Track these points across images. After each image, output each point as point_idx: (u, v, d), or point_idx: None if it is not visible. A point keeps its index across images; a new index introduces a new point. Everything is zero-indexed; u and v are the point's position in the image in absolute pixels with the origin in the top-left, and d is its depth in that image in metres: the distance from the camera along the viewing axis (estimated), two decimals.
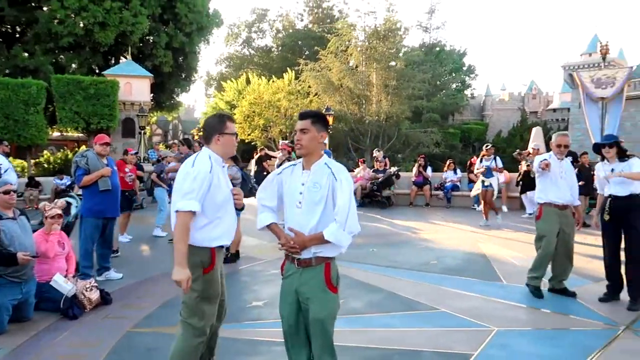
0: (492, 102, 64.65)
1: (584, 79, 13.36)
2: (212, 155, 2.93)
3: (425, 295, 5.34)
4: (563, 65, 50.90)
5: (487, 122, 60.90)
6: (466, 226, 10.02)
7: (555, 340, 4.17)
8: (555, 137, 5.51)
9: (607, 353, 3.86)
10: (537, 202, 5.45)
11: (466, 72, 55.26)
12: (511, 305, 5.09)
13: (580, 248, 7.71)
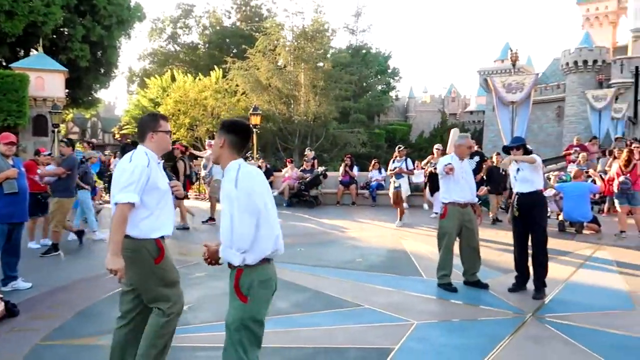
0: (415, 104, 67.14)
1: (497, 83, 14.26)
2: (148, 152, 3.05)
3: (350, 292, 5.46)
4: (479, 70, 53.89)
5: (410, 123, 63.17)
6: (390, 224, 10.34)
7: (469, 331, 4.42)
8: (456, 140, 5.90)
9: (514, 340, 4.15)
10: (442, 202, 5.76)
11: (391, 75, 57.05)
12: (430, 299, 5.34)
13: (494, 243, 8.25)
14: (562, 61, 43.53)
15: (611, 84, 37.87)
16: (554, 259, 7.11)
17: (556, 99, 44.07)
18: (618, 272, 6.36)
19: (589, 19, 52.52)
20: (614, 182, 9.26)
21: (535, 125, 44.76)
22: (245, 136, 2.73)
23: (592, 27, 51.01)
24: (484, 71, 51.78)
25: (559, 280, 5.85)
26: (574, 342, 4.05)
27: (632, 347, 3.99)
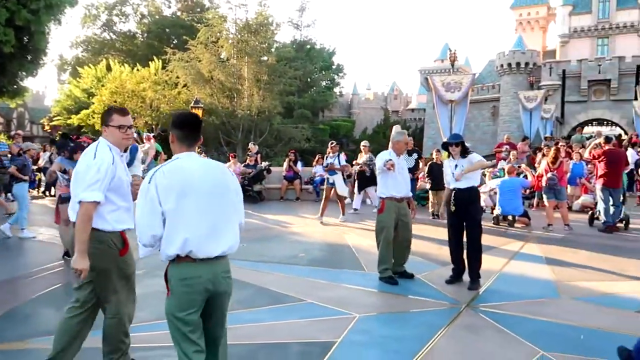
0: (358, 101, 68.06)
1: (436, 82, 14.71)
2: (112, 147, 3.09)
3: (293, 287, 5.45)
4: (420, 69, 55.42)
5: (354, 119, 63.98)
6: (334, 219, 10.44)
7: (408, 322, 4.55)
8: (394, 136, 6.08)
9: (451, 329, 4.30)
10: (380, 196, 5.88)
11: (335, 71, 57.48)
12: (371, 292, 5.44)
13: (432, 236, 8.52)
14: (497, 63, 45.55)
15: (541, 85, 40.07)
16: (489, 251, 7.44)
17: (491, 98, 46.07)
18: (545, 263, 6.74)
19: (521, 23, 55.20)
20: (543, 178, 9.82)
21: (472, 124, 46.59)
22: (190, 129, 2.68)
23: (525, 31, 53.66)
24: (425, 70, 53.31)
25: (493, 272, 6.13)
26: (505, 330, 4.26)
27: (557, 333, 4.24)
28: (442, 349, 3.91)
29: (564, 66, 41.11)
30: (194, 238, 2.48)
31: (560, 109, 39.53)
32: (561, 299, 5.24)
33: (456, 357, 3.80)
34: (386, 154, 5.89)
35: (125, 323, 3.20)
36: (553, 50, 49.41)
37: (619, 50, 42.65)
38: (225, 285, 2.64)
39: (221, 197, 2.62)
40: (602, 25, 45.03)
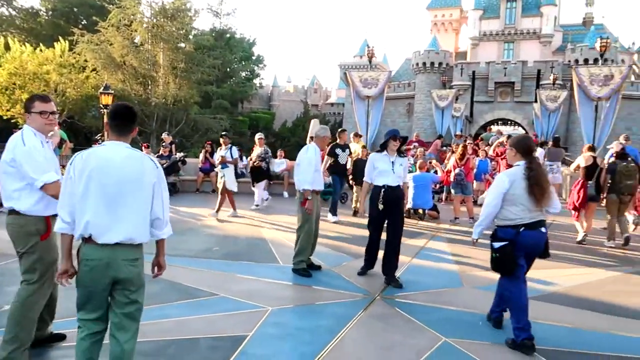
0: (279, 93, 67.85)
1: (354, 78, 15.01)
2: (37, 133, 3.25)
3: (205, 281, 5.33)
4: (339, 64, 56.31)
5: (274, 112, 63.73)
6: (250, 212, 10.33)
7: (321, 313, 4.60)
8: (318, 131, 6.15)
9: (362, 319, 4.42)
10: (303, 189, 5.82)
11: (255, 62, 56.81)
12: (286, 285, 5.45)
13: (346, 229, 8.71)
14: (412, 61, 47.38)
15: (453, 85, 42.28)
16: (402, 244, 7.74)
17: (407, 96, 47.88)
18: (451, 254, 7.12)
19: (436, 24, 57.83)
20: (451, 173, 10.36)
21: (389, 120, 48.14)
22: (120, 120, 2.78)
23: (439, 32, 56.31)
24: (344, 65, 54.24)
25: (403, 263, 6.35)
26: (413, 318, 4.45)
27: (459, 319, 4.50)
28: (352, 339, 4.00)
29: (474, 67, 43.65)
30: (94, 222, 2.63)
31: (470, 108, 41.98)
32: (464, 288, 5.56)
33: (365, 345, 3.91)
34: (312, 149, 5.91)
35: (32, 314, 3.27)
36: (464, 52, 52.31)
37: (523, 54, 46.05)
38: (127, 272, 2.70)
39: (131, 187, 2.69)
40: (508, 31, 48.32)
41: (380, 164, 5.55)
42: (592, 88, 13.57)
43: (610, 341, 4.15)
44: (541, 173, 4.00)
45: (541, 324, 4.44)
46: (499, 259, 4.00)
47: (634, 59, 46.79)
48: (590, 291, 5.51)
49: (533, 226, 3.95)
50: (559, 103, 26.42)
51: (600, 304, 5.08)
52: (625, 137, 11.08)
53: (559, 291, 5.45)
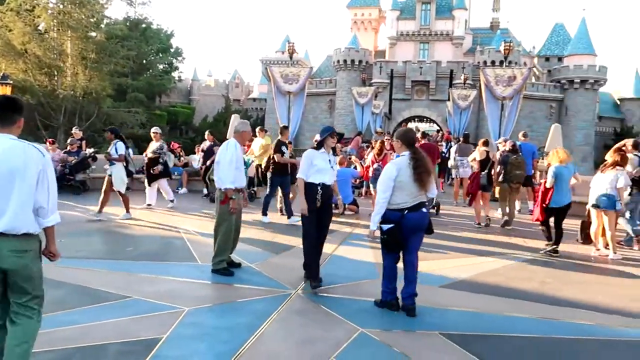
0: (199, 87, 66.07)
1: (275, 73, 14.96)
2: None
3: (117, 284, 5.08)
4: (261, 59, 55.87)
5: (194, 106, 61.98)
6: (167, 210, 9.99)
7: (240, 311, 4.55)
8: (238, 126, 5.96)
9: (281, 315, 4.42)
10: (222, 187, 5.63)
11: (173, 54, 54.89)
12: (204, 284, 5.33)
13: (267, 226, 8.67)
14: (333, 58, 48.08)
15: (372, 82, 43.43)
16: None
17: (329, 92, 48.54)
18: (369, 247, 7.30)
19: (356, 22, 59.06)
20: (370, 169, 10.64)
21: (311, 116, 48.57)
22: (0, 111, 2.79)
23: (359, 30, 57.56)
24: (266, 60, 53.90)
25: (323, 256, 6.45)
26: (331, 311, 4.53)
27: (375, 310, 4.65)
28: (271, 335, 3.99)
29: (392, 66, 45.15)
30: None
31: (389, 105, 43.37)
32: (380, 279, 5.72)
33: (283, 341, 3.92)
34: (232, 147, 5.67)
35: None
36: (383, 51, 53.94)
37: (437, 55, 48.30)
38: (12, 262, 2.73)
39: (14, 178, 2.69)
40: (423, 31, 50.45)
41: (319, 162, 5.35)
42: (497, 88, 14.52)
43: (509, 323, 4.47)
44: (425, 162, 4.44)
45: (450, 311, 4.71)
46: (387, 240, 4.47)
47: (534, 62, 50.67)
48: (492, 278, 5.90)
49: (415, 208, 4.45)
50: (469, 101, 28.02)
51: (501, 289, 5.46)
52: (523, 134, 12.05)
53: (465, 279, 5.79)
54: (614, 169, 7.24)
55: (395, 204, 4.43)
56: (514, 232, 8.96)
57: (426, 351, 3.78)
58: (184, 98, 64.04)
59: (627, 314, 4.79)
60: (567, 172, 7.39)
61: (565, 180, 7.32)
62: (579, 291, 5.49)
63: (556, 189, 7.28)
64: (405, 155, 4.49)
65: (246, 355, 3.59)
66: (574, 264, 6.78)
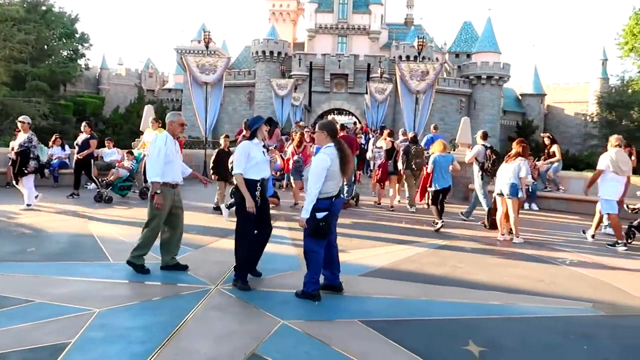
0: (109, 76, 62.52)
1: (191, 63, 14.45)
2: None
3: (17, 288, 4.67)
4: (176, 48, 53.82)
5: (103, 96, 58.60)
6: (76, 207, 9.36)
7: (156, 309, 4.36)
8: (169, 117, 5.57)
9: (199, 311, 4.29)
10: (155, 181, 5.28)
11: (79, 40, 51.42)
12: (118, 283, 5.04)
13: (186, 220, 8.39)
14: (252, 49, 47.49)
15: (292, 74, 43.42)
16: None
17: (248, 84, 47.92)
18: (291, 239, 7.32)
19: (274, 13, 58.66)
20: (290, 161, 10.63)
21: (230, 107, 47.72)
22: None
23: (278, 22, 57.23)
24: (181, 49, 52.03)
25: None
26: (252, 305, 4.48)
27: (297, 301, 4.66)
28: (190, 332, 3.86)
29: (311, 59, 45.40)
30: None
31: (308, 98, 43.62)
32: (302, 270, 5.73)
33: (203, 337, 3.80)
34: (163, 138, 5.32)
35: None
36: (302, 43, 54.03)
37: (355, 48, 49.20)
38: None
39: None
40: (341, 25, 51.13)
41: (256, 154, 5.00)
42: (412, 82, 15.07)
43: (426, 307, 4.68)
44: (349, 152, 4.71)
45: (370, 298, 4.83)
46: (324, 227, 4.56)
47: (446, 57, 53.26)
48: (408, 265, 6.13)
49: (338, 195, 4.73)
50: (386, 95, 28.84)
51: (417, 275, 5.70)
52: (434, 127, 12.67)
53: (383, 267, 5.97)
54: (516, 160, 7.80)
55: (325, 193, 4.57)
56: (426, 220, 9.37)
57: (347, 339, 3.84)
58: (92, 87, 60.29)
59: (529, 293, 5.18)
60: (445, 161, 8.79)
61: (443, 167, 8.72)
62: (487, 274, 5.86)
63: (436, 174, 8.72)
64: (331, 146, 4.63)
65: (163, 355, 3.44)
66: (482, 249, 7.23)
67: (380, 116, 28.94)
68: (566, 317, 4.54)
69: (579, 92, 62.20)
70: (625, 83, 51.05)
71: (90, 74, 58.66)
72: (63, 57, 46.93)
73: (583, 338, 4.07)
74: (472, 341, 3.86)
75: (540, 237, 8.23)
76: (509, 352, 3.76)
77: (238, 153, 5.07)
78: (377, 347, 3.74)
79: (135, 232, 7.09)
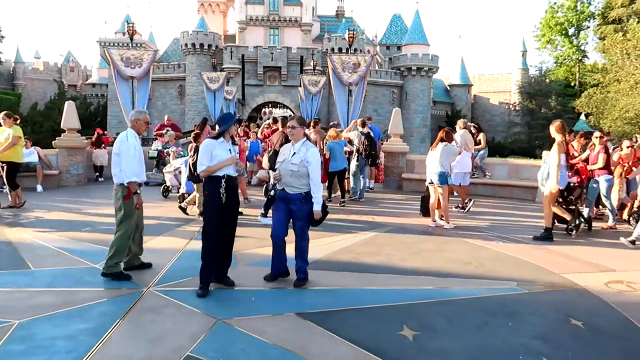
0: (24, 70, 58.55)
1: (115, 56, 13.80)
2: None
3: None
4: (98, 41, 51.24)
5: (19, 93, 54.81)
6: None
7: (85, 316, 4.13)
8: (132, 114, 5.39)
9: (130, 315, 4.13)
10: (126, 181, 5.05)
11: None
12: (39, 292, 4.73)
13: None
14: (181, 42, 46.07)
15: (223, 68, 42.58)
16: (170, 231, 7.51)
17: (178, 77, 46.45)
18: None
19: (203, 4, 57.13)
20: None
21: (160, 102, 46.12)
22: None
23: (207, 13, 55.79)
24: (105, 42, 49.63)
25: (176, 250, 6.21)
26: (186, 305, 4.35)
27: (233, 298, 4.59)
28: (120, 337, 3.71)
29: (243, 51, 44.69)
30: None
31: (242, 91, 42.97)
32: (238, 266, 5.66)
33: (134, 341, 3.66)
34: (132, 136, 5.11)
35: None
36: (233, 35, 53.05)
37: (287, 41, 48.96)
38: None
39: None
40: (273, 17, 50.67)
41: (220, 152, 4.80)
42: (344, 74, 15.24)
43: (362, 295, 4.76)
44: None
45: (306, 291, 4.85)
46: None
47: (377, 50, 54.29)
48: (344, 255, 6.22)
49: None
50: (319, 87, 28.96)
51: (353, 264, 5.79)
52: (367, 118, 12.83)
53: (320, 259, 6.00)
54: (439, 145, 8.12)
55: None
56: (365, 210, 9.53)
57: (283, 333, 3.83)
58: (7, 83, 56.24)
59: (459, 276, 5.41)
60: (338, 147, 10.15)
61: (338, 152, 10.07)
62: (420, 260, 6.05)
63: (332, 158, 9.99)
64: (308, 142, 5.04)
65: None
66: (416, 236, 7.46)
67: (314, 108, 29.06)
68: (493, 297, 4.78)
69: (502, 82, 65.60)
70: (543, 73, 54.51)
71: (3, 68, 54.63)
72: None
73: (508, 315, 4.30)
74: (406, 326, 3.98)
75: (470, 223, 8.62)
76: (441, 334, 3.90)
77: (201, 151, 4.84)
78: (314, 338, 3.76)
79: (58, 237, 6.73)
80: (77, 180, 12.69)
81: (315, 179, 4.88)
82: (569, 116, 37.92)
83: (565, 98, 47.65)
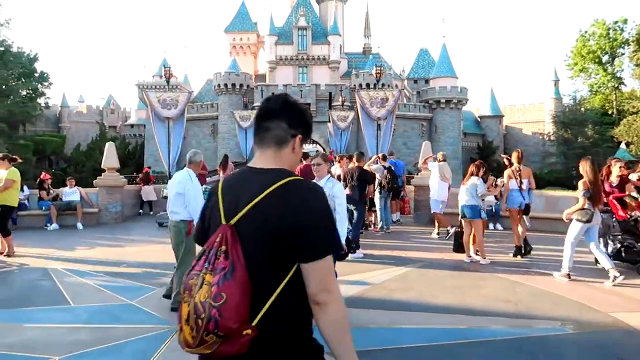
0: (69, 114, 61.41)
1: (152, 99, 14.38)
2: None
3: None
4: (137, 84, 53.48)
5: (64, 134, 57.40)
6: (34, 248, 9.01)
7: (119, 353, 4.20)
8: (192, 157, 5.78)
9: (164, 352, 4.16)
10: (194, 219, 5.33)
11: (39, 79, 50.41)
12: (78, 328, 4.84)
13: (151, 255, 8.18)
14: (214, 82, 47.57)
15: (254, 106, 43.57)
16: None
17: (211, 116, 47.76)
18: None
19: (235, 47, 59.13)
20: None
21: (194, 141, 47.36)
22: None
23: (238, 55, 57.67)
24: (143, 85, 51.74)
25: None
26: None
27: None
28: None
29: (273, 89, 45.69)
30: None
31: None
32: None
33: None
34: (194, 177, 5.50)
35: None
36: (264, 74, 54.54)
37: (315, 78, 49.94)
38: None
39: None
40: (301, 56, 51.94)
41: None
42: (372, 109, 15.39)
43: (396, 334, 4.66)
44: None
45: None
46: None
47: (404, 84, 54.66)
48: (376, 292, 6.13)
49: None
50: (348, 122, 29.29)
51: (385, 302, 5.70)
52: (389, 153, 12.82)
53: (352, 295, 5.93)
54: (470, 179, 8.02)
55: None
56: (395, 245, 9.43)
57: None
58: (53, 126, 58.98)
59: (494, 314, 5.24)
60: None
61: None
62: (453, 297, 5.91)
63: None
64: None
65: None
66: (449, 272, 7.30)
67: (344, 143, 29.30)
68: (533, 337, 4.60)
69: (535, 112, 64.62)
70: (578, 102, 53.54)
71: (50, 112, 57.43)
72: (22, 97, 45.90)
73: (551, 357, 4.12)
74: None
75: (506, 258, 8.39)
76: None
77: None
78: None
79: (96, 273, 6.91)
80: (115, 217, 13.04)
81: (342, 212, 4.95)
82: (608, 145, 36.91)
83: (602, 127, 46.54)
